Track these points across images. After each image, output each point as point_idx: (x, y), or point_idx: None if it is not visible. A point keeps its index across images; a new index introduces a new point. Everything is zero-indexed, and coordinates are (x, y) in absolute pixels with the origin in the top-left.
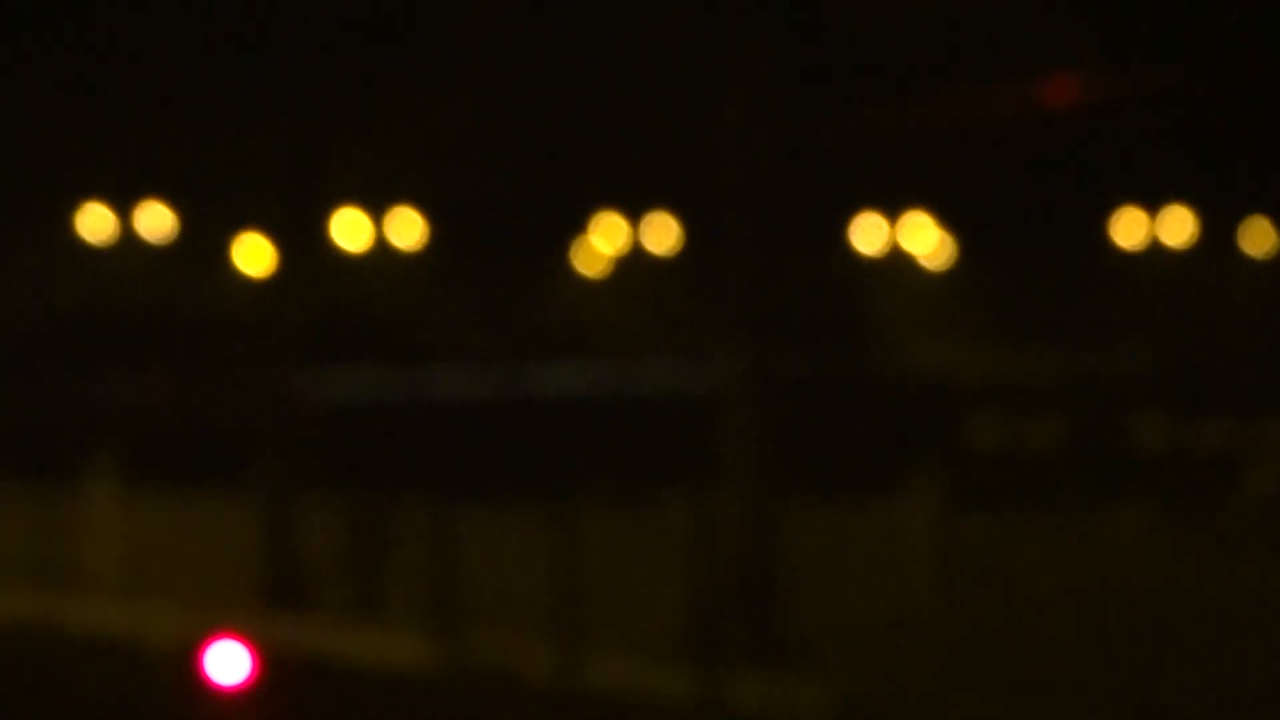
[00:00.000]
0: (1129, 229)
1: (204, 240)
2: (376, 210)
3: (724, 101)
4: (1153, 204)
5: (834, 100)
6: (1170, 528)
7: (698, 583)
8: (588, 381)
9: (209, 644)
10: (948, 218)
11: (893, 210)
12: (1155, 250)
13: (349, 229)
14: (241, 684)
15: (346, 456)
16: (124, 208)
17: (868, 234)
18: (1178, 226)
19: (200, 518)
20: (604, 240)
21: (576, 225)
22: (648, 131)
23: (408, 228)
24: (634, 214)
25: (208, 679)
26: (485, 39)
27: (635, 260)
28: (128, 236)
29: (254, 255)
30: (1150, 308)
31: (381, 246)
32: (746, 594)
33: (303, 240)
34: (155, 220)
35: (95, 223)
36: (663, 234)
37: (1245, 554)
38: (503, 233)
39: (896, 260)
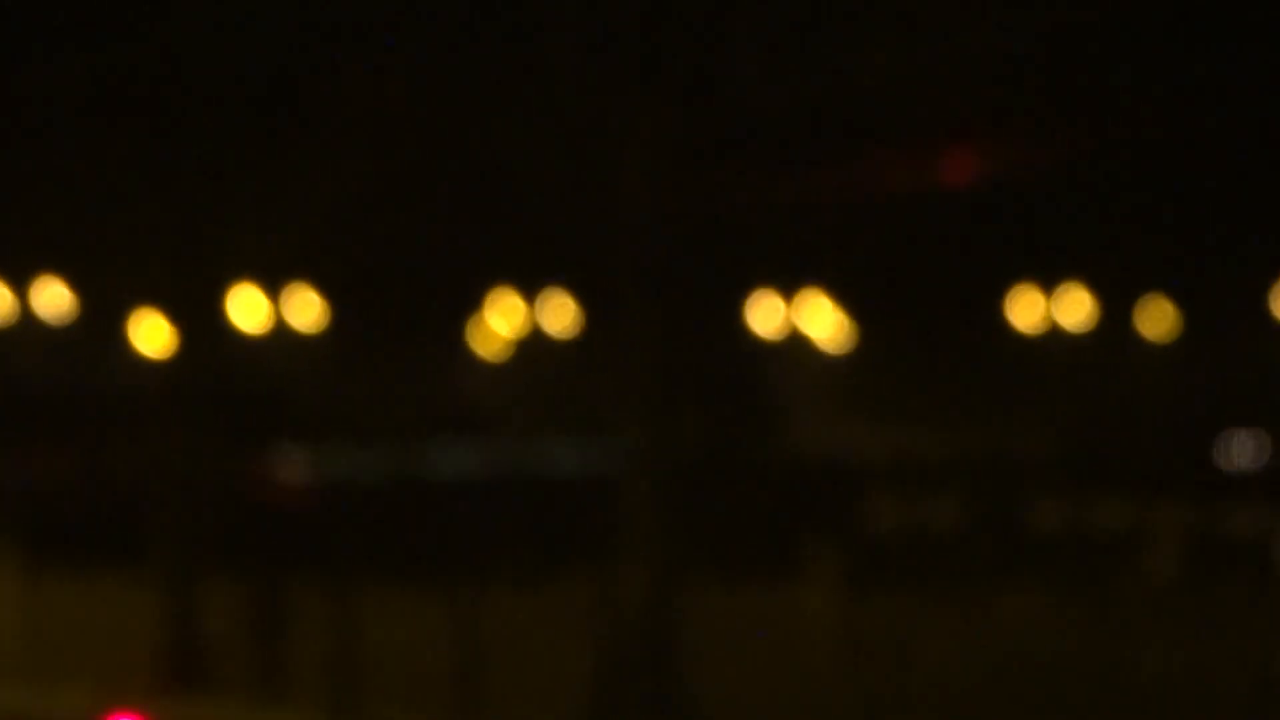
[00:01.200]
0: (1026, 308)
1: (102, 318)
2: (274, 289)
3: (620, 179)
4: (1049, 283)
5: (729, 176)
6: (1067, 609)
7: (599, 660)
8: (486, 461)
9: None
10: (844, 296)
11: (789, 288)
12: (1052, 330)
13: (247, 307)
14: None
15: (248, 535)
16: (21, 285)
17: (765, 315)
18: (1075, 306)
19: (102, 597)
20: (501, 320)
21: (473, 304)
22: (545, 210)
23: (305, 307)
24: (530, 293)
25: None
26: (382, 117)
27: (532, 340)
28: (25, 315)
29: (152, 334)
30: (1047, 388)
31: (279, 325)
32: (648, 671)
33: (200, 318)
34: (53, 298)
35: None
36: (560, 313)
37: (1141, 635)
38: (400, 312)
39: (794, 341)
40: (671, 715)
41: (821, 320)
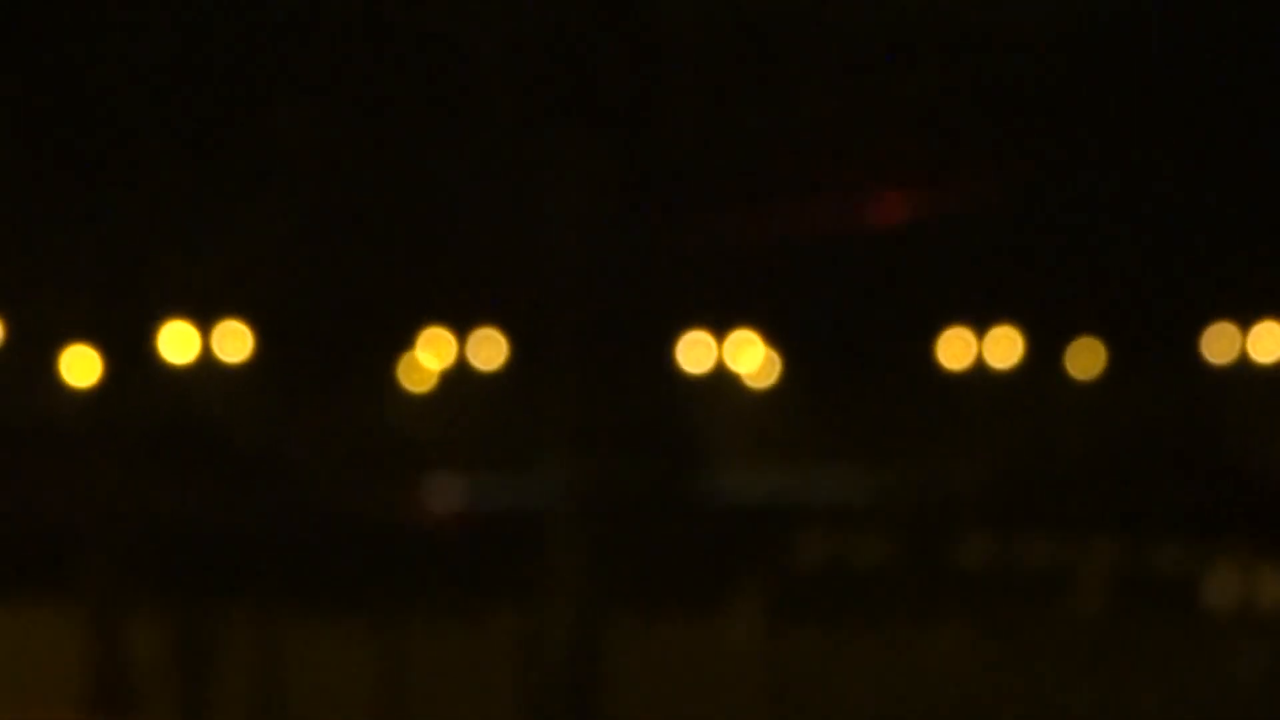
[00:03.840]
0: (956, 348)
1: (30, 351)
2: (204, 323)
3: (550, 216)
4: (981, 323)
5: (659, 215)
6: (994, 645)
7: (524, 693)
8: (414, 496)
9: None
10: (774, 335)
11: (720, 328)
12: (982, 371)
13: (177, 341)
14: None
15: (175, 567)
16: None
17: (696, 353)
18: (1007, 346)
19: (27, 623)
20: (431, 355)
21: (404, 340)
22: (476, 247)
23: (236, 341)
24: (461, 329)
25: None
26: (313, 153)
27: (462, 376)
28: None
29: (81, 366)
30: (977, 427)
31: (208, 359)
32: (572, 707)
33: (130, 351)
34: None
35: None
36: (491, 349)
37: (1068, 671)
38: (330, 347)
39: (722, 378)
40: None
41: (752, 358)
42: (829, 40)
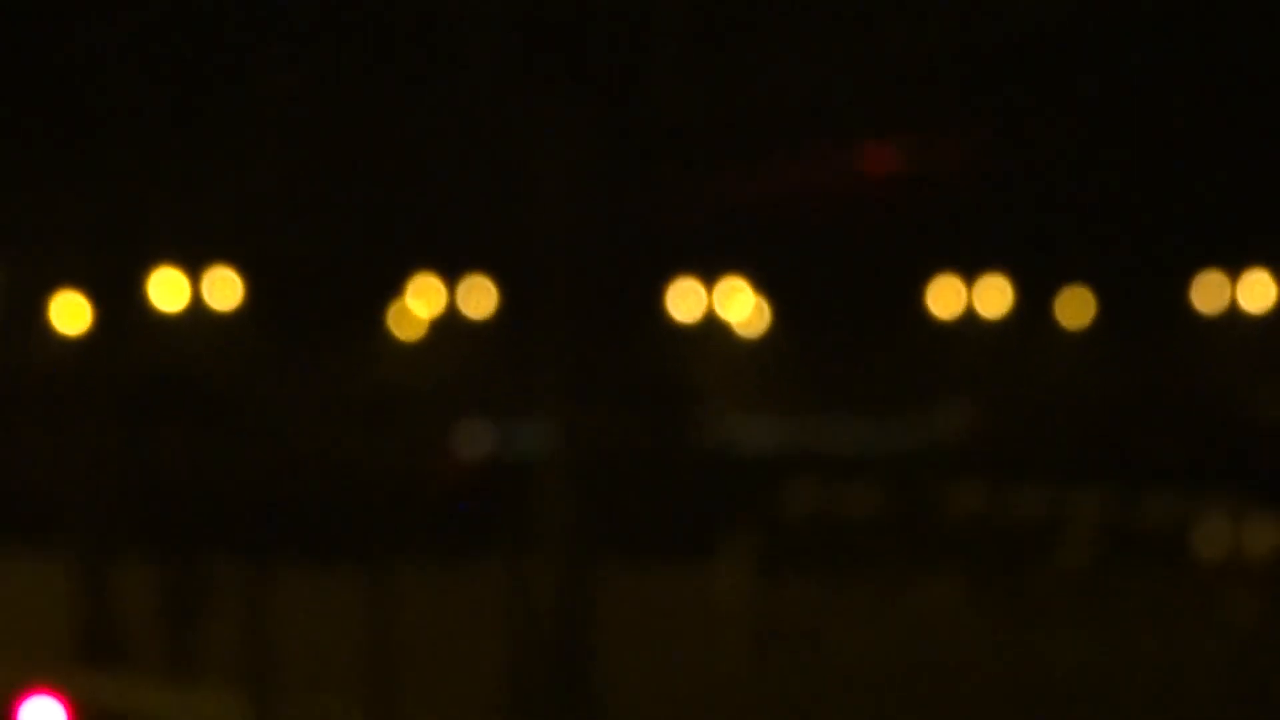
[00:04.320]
0: (946, 297)
1: (21, 298)
2: (194, 271)
3: (540, 166)
4: (970, 272)
5: (650, 170)
6: (983, 595)
7: (513, 644)
8: (405, 444)
9: (24, 698)
10: (764, 285)
11: (710, 277)
12: (972, 319)
13: (167, 289)
14: None
15: (166, 515)
16: None
17: (685, 300)
18: (996, 295)
19: (15, 573)
20: (421, 303)
21: (393, 288)
22: (466, 195)
23: (226, 288)
24: (451, 277)
25: None
26: (303, 101)
27: (452, 324)
28: None
29: (71, 314)
30: (967, 377)
31: (198, 307)
32: (562, 656)
33: (120, 299)
34: None
35: None
36: (481, 298)
37: (1057, 621)
38: (320, 295)
39: (712, 327)
40: (583, 703)
41: (741, 307)
42: (817, 2)
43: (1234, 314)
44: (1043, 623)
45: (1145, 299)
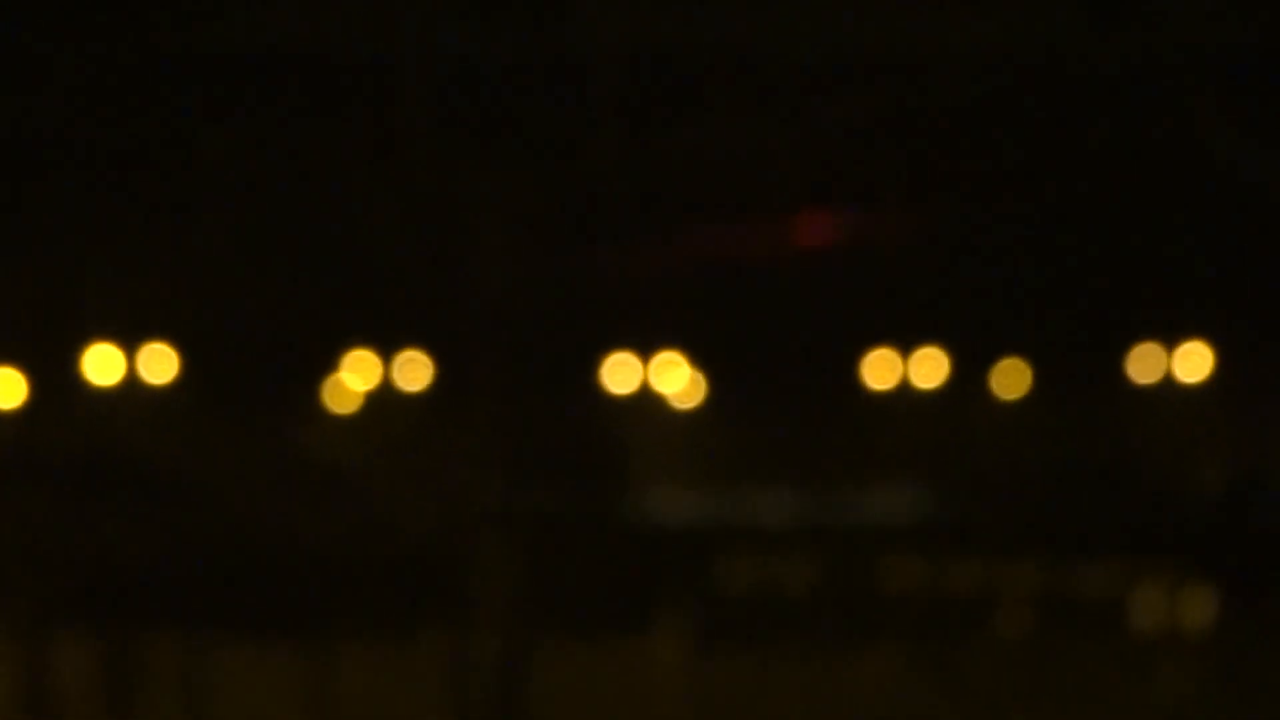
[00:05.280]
0: (881, 369)
1: None
2: (130, 345)
3: (474, 239)
4: (906, 345)
5: (583, 238)
6: (921, 669)
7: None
8: (340, 517)
9: None
10: (701, 357)
11: (646, 349)
12: (907, 391)
13: (102, 363)
14: None
15: (103, 590)
16: None
17: (621, 372)
18: (932, 367)
19: None
20: (356, 377)
21: (329, 362)
22: (401, 270)
23: (161, 362)
24: (387, 351)
25: None
26: (240, 177)
27: (388, 397)
28: None
29: (6, 388)
30: (904, 450)
31: (134, 381)
32: None
33: (55, 373)
34: None
35: None
36: (416, 370)
37: (996, 695)
38: (256, 369)
39: (648, 399)
40: None
41: (677, 379)
42: (752, 67)
43: (1170, 384)
44: (982, 695)
45: (1081, 370)
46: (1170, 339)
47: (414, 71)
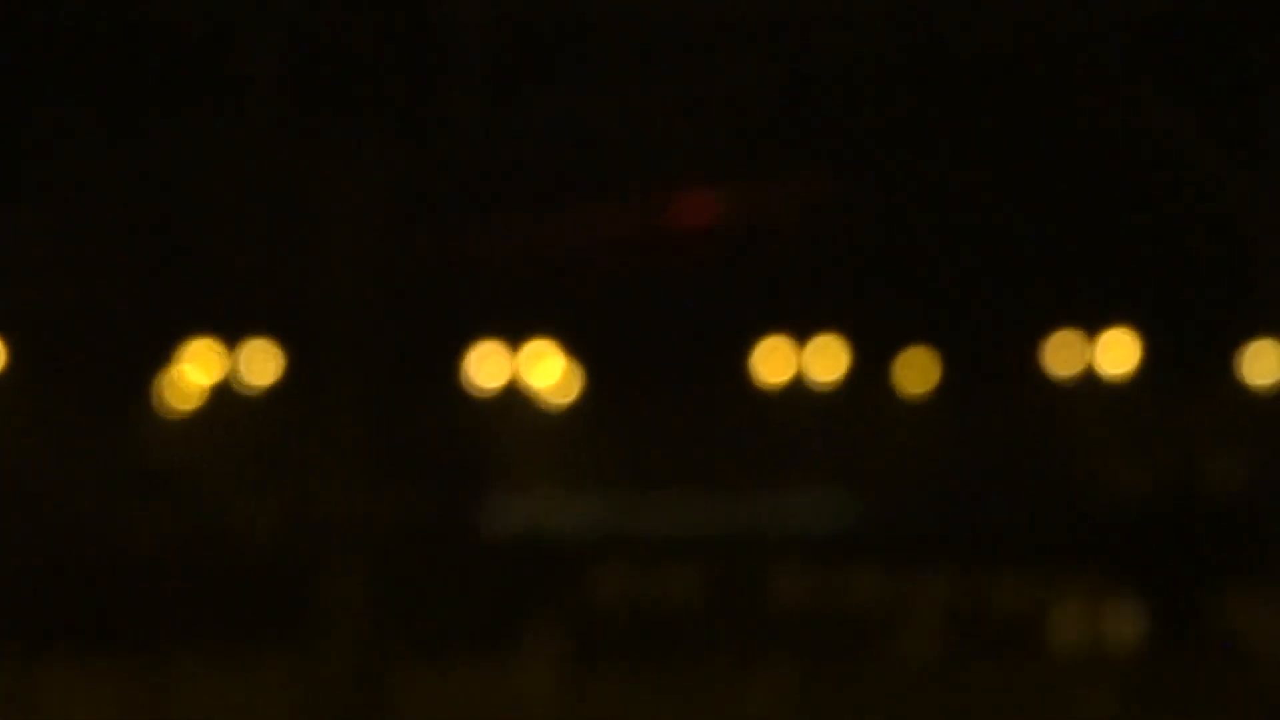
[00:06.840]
0: (775, 361)
1: None
2: None
3: (328, 220)
4: (801, 333)
5: (447, 219)
6: (817, 690)
7: None
8: (177, 523)
9: None
10: (575, 347)
11: (515, 339)
12: (803, 385)
13: None
14: None
15: None
16: None
17: (487, 365)
18: (829, 358)
19: None
20: (199, 370)
21: (167, 354)
22: (250, 256)
23: None
24: (231, 341)
25: None
26: (71, 157)
27: (233, 392)
28: None
29: None
30: (798, 448)
31: None
32: None
33: None
34: None
35: None
36: (264, 362)
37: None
38: (86, 361)
39: (517, 394)
40: None
41: (550, 370)
42: (629, 37)
43: (1091, 377)
44: (883, 717)
45: (994, 361)
46: (1092, 326)
47: (261, 39)
